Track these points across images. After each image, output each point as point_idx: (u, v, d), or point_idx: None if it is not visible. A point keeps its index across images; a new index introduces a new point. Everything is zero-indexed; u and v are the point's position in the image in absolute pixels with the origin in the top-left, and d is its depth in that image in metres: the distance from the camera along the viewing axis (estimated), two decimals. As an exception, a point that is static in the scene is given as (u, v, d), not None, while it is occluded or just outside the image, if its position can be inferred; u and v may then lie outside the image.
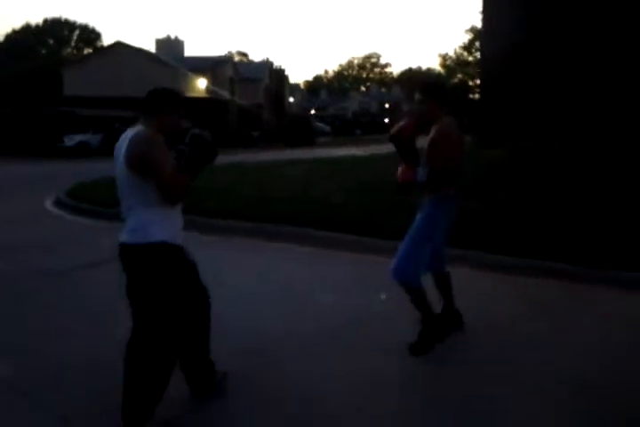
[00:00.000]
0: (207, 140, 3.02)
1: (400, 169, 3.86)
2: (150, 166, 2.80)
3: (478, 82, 65.41)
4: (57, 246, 7.18)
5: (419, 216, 3.93)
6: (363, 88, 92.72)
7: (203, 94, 37.85)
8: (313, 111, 72.75)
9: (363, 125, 58.12)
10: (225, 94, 40.88)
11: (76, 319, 4.58)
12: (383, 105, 75.74)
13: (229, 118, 37.42)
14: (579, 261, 5.61)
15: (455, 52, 71.88)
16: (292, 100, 61.04)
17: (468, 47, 56.20)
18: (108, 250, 6.60)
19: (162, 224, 2.89)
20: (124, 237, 2.92)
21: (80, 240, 7.58)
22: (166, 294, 2.91)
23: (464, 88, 67.13)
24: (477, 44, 55.22)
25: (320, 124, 49.95)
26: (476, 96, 68.63)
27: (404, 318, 4.18)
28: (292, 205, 8.52)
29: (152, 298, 2.91)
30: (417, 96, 3.97)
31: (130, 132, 2.90)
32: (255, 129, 38.53)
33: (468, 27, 70.49)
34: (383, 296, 4.83)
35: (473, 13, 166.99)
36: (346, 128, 55.15)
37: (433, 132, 3.85)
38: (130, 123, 3.01)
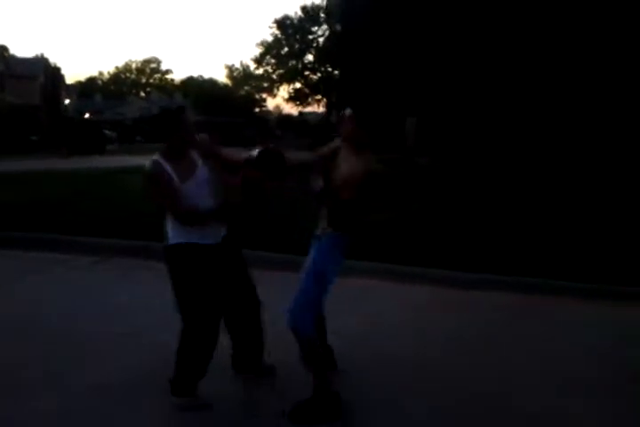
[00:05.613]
0: None
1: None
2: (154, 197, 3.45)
3: (264, 95, 66.80)
4: None
5: (314, 252, 3.35)
6: (142, 93, 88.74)
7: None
8: (87, 115, 67.52)
9: (145, 133, 55.11)
10: (-7, 91, 36.01)
11: None
12: (165, 112, 73.05)
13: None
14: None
15: (242, 65, 72.22)
16: (67, 102, 56.00)
17: (259, 60, 56.65)
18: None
19: (180, 229, 3.30)
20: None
21: None
22: (183, 290, 3.32)
23: (251, 100, 67.97)
24: (268, 57, 56.07)
25: (107, 131, 46.31)
26: (262, 109, 70.09)
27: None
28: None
29: (176, 292, 3.37)
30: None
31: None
32: (32, 133, 34.34)
33: (259, 40, 71.42)
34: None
35: (263, 28, 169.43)
36: (127, 135, 51.77)
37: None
38: None
